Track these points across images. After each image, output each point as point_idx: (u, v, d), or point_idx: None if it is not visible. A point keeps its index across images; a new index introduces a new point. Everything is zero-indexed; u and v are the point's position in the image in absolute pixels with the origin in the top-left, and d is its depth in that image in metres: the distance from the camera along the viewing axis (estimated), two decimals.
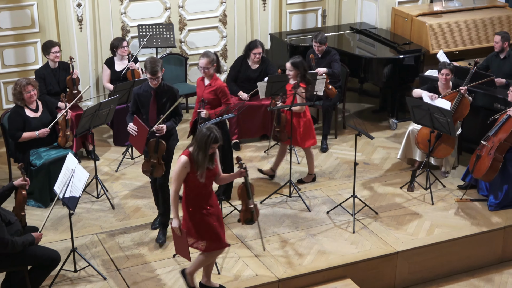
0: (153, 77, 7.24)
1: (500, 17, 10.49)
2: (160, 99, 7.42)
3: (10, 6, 9.75)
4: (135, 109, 7.60)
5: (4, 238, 6.37)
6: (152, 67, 7.20)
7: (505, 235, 8.09)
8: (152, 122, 7.40)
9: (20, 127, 8.28)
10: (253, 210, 6.92)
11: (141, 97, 7.48)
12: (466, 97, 8.55)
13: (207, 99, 7.93)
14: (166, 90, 7.45)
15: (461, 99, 8.54)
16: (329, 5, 11.43)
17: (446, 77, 8.66)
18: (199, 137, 6.18)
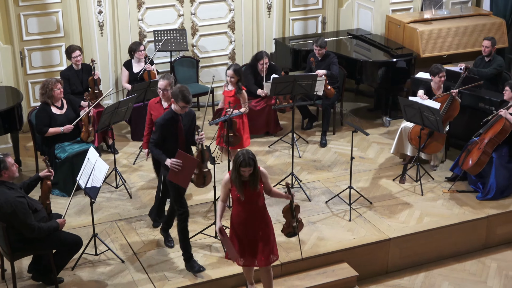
0: (187, 106, 6.76)
1: (485, 24, 10.46)
2: (186, 122, 6.93)
3: (37, 13, 9.75)
4: (160, 140, 6.83)
5: (31, 224, 6.39)
6: (186, 97, 6.69)
7: (488, 223, 8.08)
8: (181, 145, 6.87)
9: (47, 123, 8.29)
10: (296, 226, 6.79)
11: (167, 126, 6.80)
12: (457, 99, 8.53)
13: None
14: (187, 112, 6.94)
15: (452, 101, 8.54)
16: (328, 13, 11.41)
17: (441, 79, 8.62)
18: (234, 159, 6.10)
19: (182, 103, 6.67)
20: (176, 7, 10.46)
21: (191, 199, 8.28)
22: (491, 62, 9.29)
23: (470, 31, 10.32)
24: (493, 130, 8.09)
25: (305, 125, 10.21)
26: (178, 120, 6.81)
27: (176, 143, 6.82)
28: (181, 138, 6.88)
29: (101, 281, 6.90)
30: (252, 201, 6.25)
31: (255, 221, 6.33)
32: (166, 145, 6.81)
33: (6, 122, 8.48)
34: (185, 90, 6.73)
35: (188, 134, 6.97)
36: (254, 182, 6.14)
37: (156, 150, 6.81)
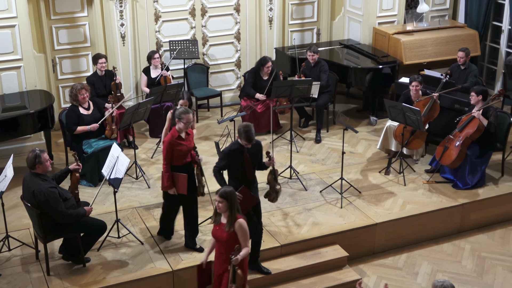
0: (249, 144, 6.47)
1: (460, 35, 10.43)
2: (252, 151, 6.57)
3: (67, 25, 9.74)
4: (225, 168, 6.61)
5: (61, 211, 6.40)
6: (249, 137, 6.41)
7: (463, 210, 8.06)
8: (249, 175, 6.64)
9: (75, 122, 8.29)
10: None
11: (233, 156, 6.51)
12: (437, 102, 8.51)
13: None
14: (255, 144, 6.58)
15: (433, 104, 8.51)
16: (323, 25, 11.37)
17: (416, 88, 8.61)
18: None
19: (244, 141, 6.44)
20: (189, 20, 10.44)
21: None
22: (466, 69, 9.25)
23: (447, 41, 10.30)
24: (468, 130, 8.06)
25: (302, 124, 10.19)
26: (243, 151, 6.51)
27: (243, 171, 6.59)
28: (248, 167, 6.59)
29: (123, 261, 6.91)
30: (218, 238, 5.84)
31: (218, 259, 5.88)
32: (233, 172, 6.62)
33: (40, 121, 8.48)
34: (249, 130, 6.43)
35: (255, 162, 6.66)
36: (228, 223, 5.69)
37: (219, 176, 6.57)
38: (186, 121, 6.66)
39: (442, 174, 8.52)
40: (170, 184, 6.82)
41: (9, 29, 8.69)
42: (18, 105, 8.65)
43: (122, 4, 9.82)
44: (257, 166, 6.76)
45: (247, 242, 5.75)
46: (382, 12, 10.75)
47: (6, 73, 8.86)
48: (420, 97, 8.60)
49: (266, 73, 9.70)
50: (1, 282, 6.60)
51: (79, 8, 9.76)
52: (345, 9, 11.24)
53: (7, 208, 7.38)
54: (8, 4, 8.55)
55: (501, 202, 8.25)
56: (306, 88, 8.84)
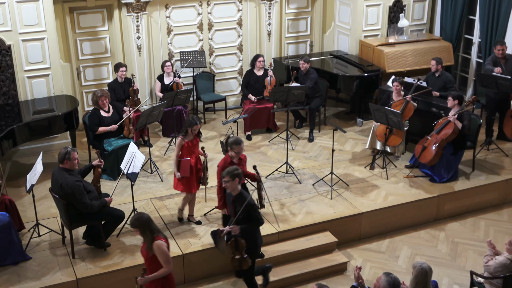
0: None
1: (436, 46, 10.42)
2: (234, 206, 6.04)
3: (90, 38, 9.74)
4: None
5: (85, 202, 6.41)
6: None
7: (438, 201, 8.06)
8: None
9: (97, 123, 8.29)
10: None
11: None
12: (411, 103, 8.52)
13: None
14: (239, 196, 5.99)
15: (407, 105, 8.51)
16: (315, 38, 11.36)
17: (396, 87, 8.67)
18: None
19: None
20: (197, 34, 10.42)
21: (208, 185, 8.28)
22: (440, 77, 9.23)
23: (425, 52, 10.29)
24: (445, 132, 8.03)
25: (296, 125, 10.18)
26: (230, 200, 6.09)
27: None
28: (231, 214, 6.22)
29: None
30: (143, 257, 5.48)
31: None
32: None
33: (66, 122, 8.49)
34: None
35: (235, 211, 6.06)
36: (147, 247, 5.35)
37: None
38: (237, 151, 6.51)
39: (421, 169, 8.51)
40: (222, 204, 6.66)
41: (39, 41, 8.68)
42: (47, 108, 8.65)
43: (139, 19, 9.81)
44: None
45: (167, 263, 5.33)
46: (367, 26, 10.74)
47: (36, 80, 8.85)
48: (395, 100, 8.62)
49: (259, 68, 9.74)
50: (32, 264, 6.61)
51: (101, 23, 9.76)
52: (335, 23, 11.23)
53: (37, 199, 7.39)
54: (38, 19, 8.55)
55: (472, 194, 8.25)
56: (300, 93, 8.84)
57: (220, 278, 6.94)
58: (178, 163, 6.96)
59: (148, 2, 9.79)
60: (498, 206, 8.42)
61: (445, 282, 6.90)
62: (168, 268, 5.36)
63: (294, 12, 11.11)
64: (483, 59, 10.10)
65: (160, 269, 5.35)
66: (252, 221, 5.98)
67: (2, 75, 8.65)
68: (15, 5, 8.38)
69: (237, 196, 5.96)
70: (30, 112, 8.51)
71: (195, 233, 7.12)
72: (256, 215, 5.99)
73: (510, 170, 8.61)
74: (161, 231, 5.46)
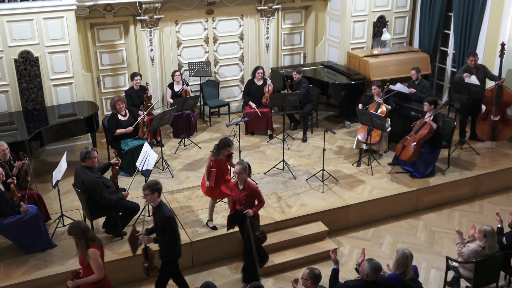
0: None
1: (415, 57, 10.41)
2: (154, 217, 5.65)
3: (108, 50, 9.74)
4: None
5: (104, 196, 6.41)
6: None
7: (417, 194, 8.05)
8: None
9: (115, 126, 8.29)
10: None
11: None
12: (382, 106, 8.58)
13: (245, 200, 6.07)
14: (158, 208, 5.54)
15: (379, 107, 8.58)
16: (308, 50, 11.35)
17: (375, 90, 8.70)
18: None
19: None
20: (204, 47, 10.41)
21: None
22: (420, 84, 9.23)
23: (405, 62, 10.27)
24: (422, 132, 8.05)
25: (291, 127, 10.16)
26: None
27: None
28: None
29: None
30: (81, 264, 5.21)
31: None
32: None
33: (87, 125, 8.47)
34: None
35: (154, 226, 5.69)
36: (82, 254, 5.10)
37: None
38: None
39: (402, 166, 8.50)
40: (232, 206, 6.41)
41: (63, 53, 8.67)
42: (70, 112, 8.64)
43: (152, 33, 9.80)
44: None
45: (98, 270, 5.09)
46: (354, 39, 10.72)
47: (61, 87, 8.84)
48: (378, 100, 8.63)
49: (259, 79, 9.72)
50: (57, 251, 6.61)
51: (118, 37, 9.75)
52: (326, 37, 11.21)
53: (62, 193, 7.38)
54: (63, 34, 8.55)
55: (447, 188, 8.23)
56: (295, 99, 8.84)
57: (224, 263, 6.94)
58: (208, 173, 6.74)
59: (160, 19, 9.78)
60: (470, 199, 8.41)
61: (423, 266, 6.89)
62: (98, 274, 5.08)
63: (289, 27, 11.10)
64: (457, 68, 10.09)
65: (91, 275, 5.08)
66: (167, 235, 5.47)
67: (30, 83, 8.65)
68: (42, 22, 8.37)
69: (156, 208, 5.54)
70: (56, 116, 8.50)
71: (202, 223, 7.11)
72: (171, 230, 5.43)
73: (481, 167, 8.60)
74: (98, 240, 5.16)
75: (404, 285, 5.28)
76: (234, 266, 6.87)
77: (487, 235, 5.91)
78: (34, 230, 6.48)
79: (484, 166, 8.61)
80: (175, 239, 5.56)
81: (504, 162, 8.71)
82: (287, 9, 10.93)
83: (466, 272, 6.09)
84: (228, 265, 6.91)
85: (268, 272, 6.73)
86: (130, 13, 9.61)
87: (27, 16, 8.27)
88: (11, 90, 8.53)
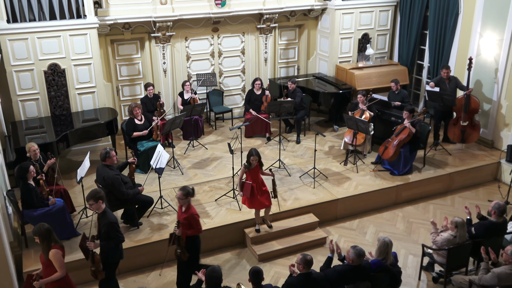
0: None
1: (395, 70, 10.42)
2: (99, 223, 5.33)
3: (126, 63, 9.74)
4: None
5: (122, 191, 6.40)
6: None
7: (397, 189, 8.04)
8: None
9: (132, 129, 8.27)
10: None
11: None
12: (366, 112, 8.59)
13: (182, 222, 5.54)
14: (103, 214, 5.26)
15: (363, 113, 8.60)
16: (301, 63, 11.35)
17: (360, 98, 8.68)
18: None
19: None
20: (210, 60, 10.41)
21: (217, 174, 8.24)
22: (399, 94, 9.24)
23: (386, 74, 10.29)
24: (402, 135, 8.06)
25: (287, 130, 10.15)
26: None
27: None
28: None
29: (164, 224, 6.90)
30: (42, 263, 5.02)
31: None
32: None
33: (108, 128, 8.46)
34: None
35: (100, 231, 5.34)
36: (44, 254, 4.91)
37: None
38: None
39: (383, 165, 8.50)
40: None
41: (87, 66, 8.67)
42: (93, 118, 8.64)
43: (164, 48, 9.80)
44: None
45: (60, 269, 4.91)
46: (342, 54, 10.73)
47: (85, 96, 8.84)
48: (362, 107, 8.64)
49: (257, 89, 9.68)
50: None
51: (135, 52, 9.75)
52: (317, 52, 11.22)
53: (85, 188, 7.38)
54: (86, 49, 8.56)
55: (423, 184, 8.23)
56: (290, 106, 8.85)
57: (227, 249, 6.94)
58: (242, 185, 6.56)
59: (171, 35, 9.79)
60: (443, 194, 8.41)
61: (402, 253, 6.89)
62: (61, 272, 4.93)
63: (285, 43, 11.10)
64: (431, 79, 10.10)
65: (54, 273, 4.92)
66: (110, 239, 5.21)
67: (58, 92, 8.65)
68: (68, 38, 8.38)
69: (100, 214, 5.26)
70: (80, 120, 8.50)
71: (208, 215, 7.10)
72: (115, 233, 5.19)
73: (453, 165, 8.61)
74: (60, 242, 4.99)
75: (385, 269, 5.29)
76: (236, 252, 6.87)
77: (458, 226, 5.92)
78: (60, 220, 6.47)
79: (455, 165, 8.62)
80: (119, 242, 5.28)
81: (473, 162, 8.72)
82: (283, 27, 10.94)
83: (440, 258, 6.10)
84: (231, 251, 6.91)
85: (266, 258, 6.72)
86: (146, 31, 9.62)
87: (55, 33, 8.28)
88: (41, 98, 8.54)
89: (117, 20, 9.10)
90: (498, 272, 5.27)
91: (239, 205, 7.20)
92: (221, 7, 9.75)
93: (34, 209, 6.33)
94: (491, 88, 8.97)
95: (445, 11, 9.65)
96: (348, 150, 8.92)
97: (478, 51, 9.06)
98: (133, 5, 9.15)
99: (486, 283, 5.32)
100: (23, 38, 8.11)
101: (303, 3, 10.48)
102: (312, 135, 9.86)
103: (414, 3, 10.37)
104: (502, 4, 8.54)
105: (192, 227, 5.55)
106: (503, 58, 8.66)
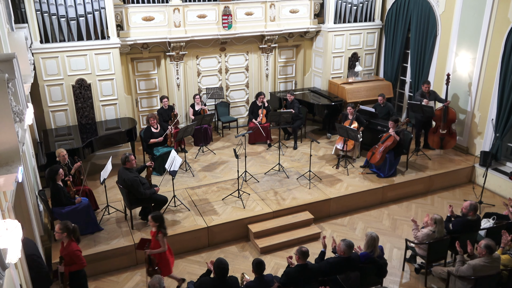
0: None
1: (381, 85, 10.41)
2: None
3: (144, 78, 9.74)
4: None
5: (140, 191, 6.38)
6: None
7: (383, 190, 7.99)
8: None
9: (149, 136, 8.26)
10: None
11: None
12: (354, 122, 8.59)
13: (64, 257, 4.96)
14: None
15: (352, 123, 8.58)
16: (298, 78, 11.35)
17: (349, 110, 8.67)
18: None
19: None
20: (218, 76, 10.42)
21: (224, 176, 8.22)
22: (385, 106, 9.23)
23: (373, 88, 10.27)
24: (387, 143, 8.04)
25: (285, 137, 10.13)
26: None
27: None
28: None
29: (178, 220, 6.87)
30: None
31: None
32: None
33: (128, 135, 8.45)
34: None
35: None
36: None
37: None
38: None
39: (371, 169, 8.46)
40: None
41: (110, 81, 8.70)
42: (115, 126, 8.65)
43: (178, 66, 9.82)
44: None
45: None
46: (334, 70, 10.72)
47: (108, 107, 8.86)
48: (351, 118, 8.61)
49: (260, 102, 9.66)
50: (103, 233, 6.58)
51: (152, 68, 9.77)
52: (312, 68, 11.22)
53: (108, 188, 7.38)
54: (109, 66, 8.58)
55: (406, 186, 8.19)
56: (288, 116, 8.83)
57: (233, 243, 6.90)
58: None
59: (184, 54, 9.81)
60: (424, 194, 8.36)
61: (388, 247, 6.84)
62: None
63: (284, 61, 11.11)
64: (413, 93, 10.09)
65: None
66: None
67: (84, 104, 8.67)
68: (93, 56, 8.42)
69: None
70: (103, 129, 8.51)
71: (216, 212, 7.07)
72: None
73: (432, 169, 8.57)
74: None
75: (373, 261, 5.25)
76: (241, 246, 6.83)
77: (437, 222, 5.88)
78: (85, 217, 6.46)
79: (435, 168, 8.58)
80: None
81: (450, 166, 8.68)
82: (282, 47, 10.96)
83: (421, 251, 6.05)
84: (236, 245, 6.87)
85: (267, 250, 6.68)
86: (162, 50, 9.64)
87: (82, 52, 8.31)
88: (69, 109, 8.55)
89: (136, 40, 9.13)
90: (473, 264, 5.22)
91: (243, 204, 7.17)
92: (228, 29, 9.78)
93: (62, 207, 6.32)
94: (466, 100, 8.95)
95: (424, 33, 9.66)
96: (339, 155, 8.89)
97: (454, 68, 9.06)
98: (151, 27, 9.19)
99: (463, 274, 5.28)
100: (54, 57, 8.15)
101: (300, 26, 10.51)
102: (307, 142, 9.84)
103: (398, 26, 10.39)
104: (475, 27, 8.56)
105: (75, 262, 4.95)
106: (476, 74, 8.66)
